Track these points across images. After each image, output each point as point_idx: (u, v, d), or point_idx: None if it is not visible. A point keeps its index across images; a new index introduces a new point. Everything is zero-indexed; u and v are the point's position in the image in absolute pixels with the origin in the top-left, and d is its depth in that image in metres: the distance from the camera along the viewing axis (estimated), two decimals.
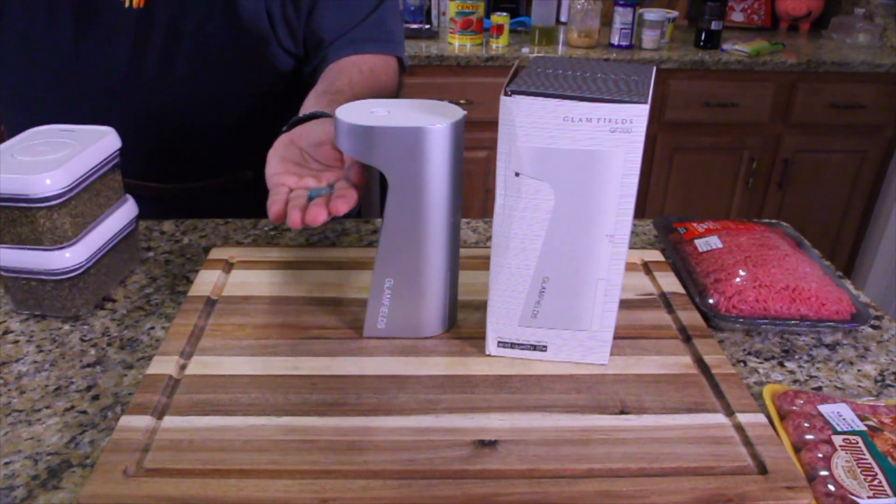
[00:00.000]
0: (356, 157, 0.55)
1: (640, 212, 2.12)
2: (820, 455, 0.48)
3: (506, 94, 0.49)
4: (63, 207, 0.61)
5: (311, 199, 0.57)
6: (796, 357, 0.63)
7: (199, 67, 0.85)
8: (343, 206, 0.55)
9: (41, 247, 0.62)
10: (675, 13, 2.14)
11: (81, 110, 0.83)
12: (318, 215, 0.53)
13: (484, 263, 0.58)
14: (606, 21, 2.14)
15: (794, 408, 0.53)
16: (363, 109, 0.56)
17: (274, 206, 0.56)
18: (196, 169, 0.92)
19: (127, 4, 0.82)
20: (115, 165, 0.68)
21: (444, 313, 0.61)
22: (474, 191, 2.07)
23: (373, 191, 2.04)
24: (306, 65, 0.90)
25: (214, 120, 0.89)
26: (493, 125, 0.54)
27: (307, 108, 0.72)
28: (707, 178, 2.12)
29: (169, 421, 0.51)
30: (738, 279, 0.67)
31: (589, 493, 0.46)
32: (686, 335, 0.62)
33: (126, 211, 0.71)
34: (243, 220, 0.86)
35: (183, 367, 0.57)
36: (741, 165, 2.10)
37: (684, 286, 0.69)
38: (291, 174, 0.61)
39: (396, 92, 0.88)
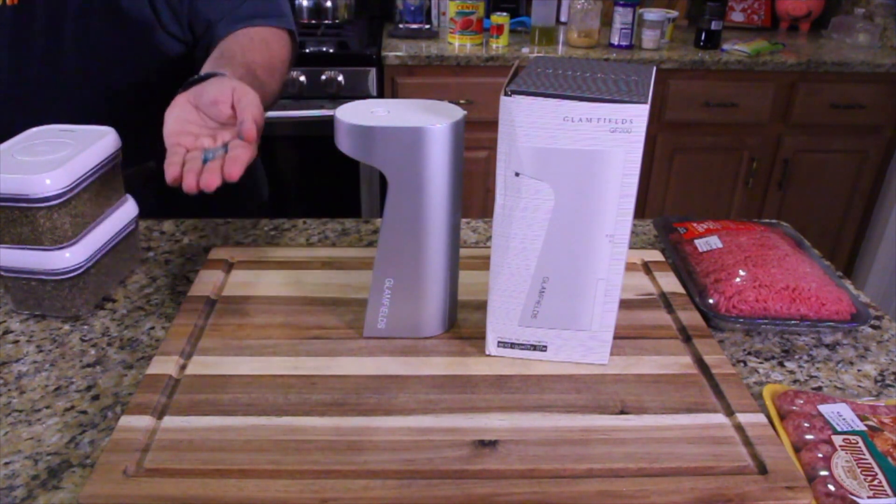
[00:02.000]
0: (356, 158, 0.55)
1: (640, 212, 2.12)
2: (820, 455, 0.48)
3: (506, 94, 0.49)
4: (63, 207, 0.61)
5: (205, 161, 0.60)
6: (796, 357, 0.63)
7: (86, 62, 0.84)
8: (236, 170, 0.58)
9: (41, 247, 0.62)
10: (675, 13, 2.14)
11: None
12: (212, 182, 0.57)
13: (484, 263, 0.58)
14: (606, 21, 2.13)
15: (794, 408, 0.53)
16: (363, 109, 0.56)
17: (171, 168, 0.59)
18: None
19: (0, 3, 0.80)
20: (115, 165, 0.68)
21: (444, 313, 0.61)
22: (474, 191, 2.07)
23: (373, 191, 2.04)
24: (197, 49, 0.90)
25: (107, 113, 0.86)
26: (493, 125, 0.54)
27: (204, 71, 0.73)
28: (707, 178, 2.12)
29: (169, 421, 0.51)
30: (738, 279, 0.67)
31: (589, 493, 0.46)
32: (686, 335, 0.62)
33: (126, 211, 0.71)
34: (243, 220, 0.86)
35: (183, 367, 0.57)
36: (741, 165, 2.10)
37: (684, 286, 0.69)
38: (187, 134, 0.63)
39: (289, 63, 0.90)
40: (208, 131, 0.65)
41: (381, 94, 1.96)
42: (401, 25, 2.15)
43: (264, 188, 1.14)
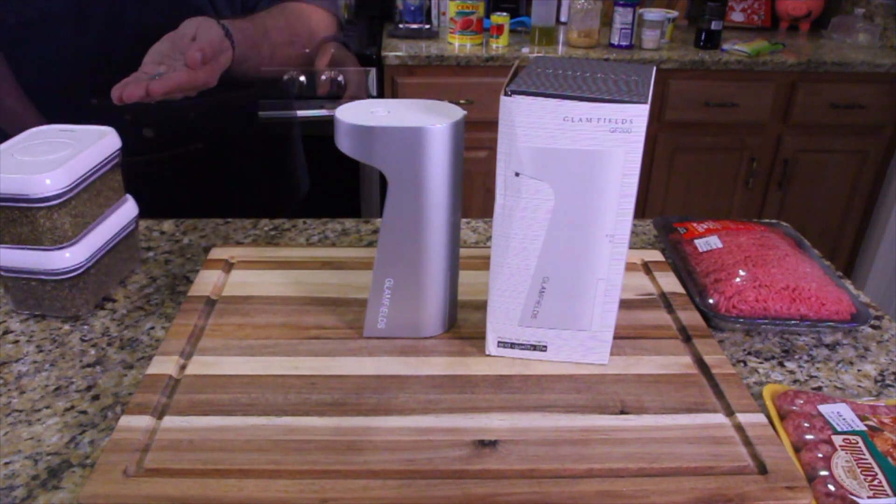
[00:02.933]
0: (356, 158, 0.55)
1: (640, 212, 2.12)
2: (820, 455, 0.48)
3: (506, 94, 0.49)
4: (63, 207, 0.61)
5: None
6: (796, 357, 0.63)
7: (142, 46, 0.86)
8: (157, 87, 0.63)
9: (41, 247, 0.62)
10: (675, 13, 2.14)
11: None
12: (133, 93, 0.62)
13: (484, 263, 0.58)
14: (606, 21, 2.14)
15: (794, 408, 0.53)
16: (363, 109, 0.56)
17: (116, 86, 0.65)
18: (145, 144, 0.93)
19: None
20: (115, 165, 0.68)
21: (444, 313, 0.61)
22: (474, 191, 2.07)
23: (373, 191, 2.04)
24: None
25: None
26: (493, 125, 0.54)
27: None
28: (707, 178, 2.12)
29: (169, 421, 0.51)
30: (738, 279, 0.67)
31: (589, 493, 0.46)
32: (686, 335, 0.62)
33: (126, 211, 0.71)
34: (243, 221, 0.86)
35: (183, 367, 0.57)
36: (741, 165, 2.10)
37: (684, 286, 0.69)
38: (153, 63, 0.69)
39: (318, 38, 0.93)
40: (171, 60, 0.70)
41: (381, 94, 1.96)
42: (401, 25, 2.15)
43: (303, 185, 1.16)
